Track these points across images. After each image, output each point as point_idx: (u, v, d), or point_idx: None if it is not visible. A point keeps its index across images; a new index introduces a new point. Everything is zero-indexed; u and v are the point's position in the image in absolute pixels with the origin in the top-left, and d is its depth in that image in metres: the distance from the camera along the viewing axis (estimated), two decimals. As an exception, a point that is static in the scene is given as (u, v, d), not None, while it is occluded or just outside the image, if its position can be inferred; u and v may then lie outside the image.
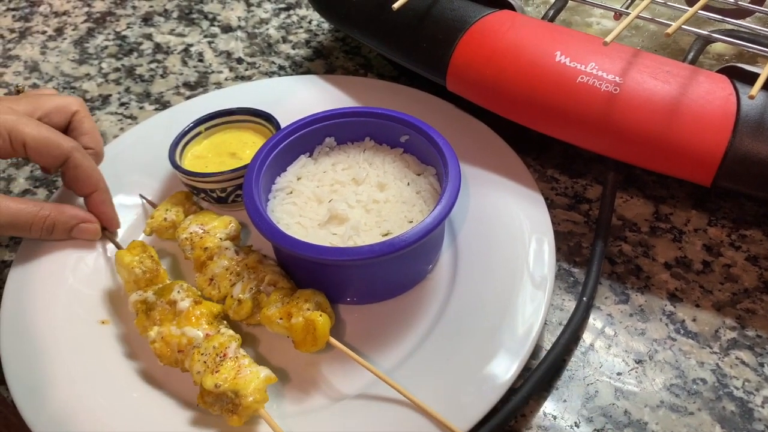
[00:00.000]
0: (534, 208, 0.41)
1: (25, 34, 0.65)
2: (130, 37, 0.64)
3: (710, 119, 0.37)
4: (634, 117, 0.38)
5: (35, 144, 0.40)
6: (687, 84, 0.38)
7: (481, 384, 0.33)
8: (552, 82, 0.40)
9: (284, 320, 0.36)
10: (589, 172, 0.47)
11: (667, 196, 0.45)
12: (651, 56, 0.40)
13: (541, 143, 0.49)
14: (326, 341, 0.35)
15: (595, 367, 0.37)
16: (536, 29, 0.42)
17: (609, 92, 0.38)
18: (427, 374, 0.34)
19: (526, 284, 0.37)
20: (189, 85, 0.58)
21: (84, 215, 0.42)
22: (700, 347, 0.37)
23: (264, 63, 0.60)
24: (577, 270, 0.41)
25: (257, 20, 0.65)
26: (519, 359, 0.34)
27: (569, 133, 0.40)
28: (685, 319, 0.38)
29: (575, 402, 0.35)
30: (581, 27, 0.49)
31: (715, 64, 0.44)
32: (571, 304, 0.40)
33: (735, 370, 0.36)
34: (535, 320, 0.35)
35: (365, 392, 0.34)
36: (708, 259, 0.41)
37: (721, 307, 0.39)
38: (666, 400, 0.35)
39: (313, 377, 0.36)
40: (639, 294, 0.40)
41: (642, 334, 0.38)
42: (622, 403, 0.35)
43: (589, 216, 0.44)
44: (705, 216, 0.44)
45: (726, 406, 0.35)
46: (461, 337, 0.36)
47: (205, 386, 0.33)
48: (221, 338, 0.35)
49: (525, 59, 0.41)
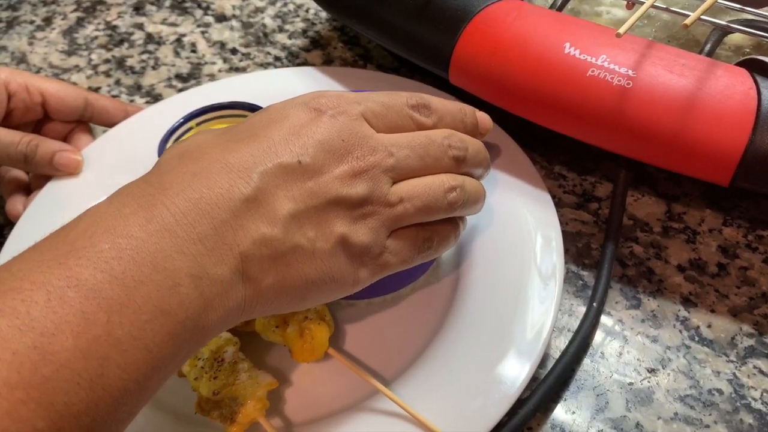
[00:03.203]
0: (541, 207, 0.39)
1: (12, 24, 0.63)
2: (121, 27, 0.62)
3: (729, 116, 0.35)
4: (647, 113, 0.36)
5: (55, 90, 0.43)
6: (704, 78, 0.36)
7: (486, 396, 0.31)
8: (560, 76, 0.38)
9: (280, 328, 0.34)
10: (598, 169, 0.45)
11: (680, 194, 0.43)
12: (666, 48, 0.38)
13: (548, 138, 0.47)
14: (324, 351, 0.33)
15: (606, 376, 0.35)
16: (544, 19, 0.40)
17: (621, 86, 0.36)
18: (429, 385, 0.33)
19: (533, 287, 0.35)
20: (181, 77, 0.56)
21: (68, 146, 0.42)
22: (715, 355, 0.35)
23: (259, 54, 0.58)
24: (586, 273, 0.39)
25: (252, 9, 0.63)
26: (526, 370, 0.32)
27: (579, 129, 0.38)
28: (700, 326, 0.37)
29: (585, 413, 0.34)
30: (590, 16, 0.47)
31: (733, 56, 0.42)
32: (580, 309, 0.38)
33: (753, 380, 0.34)
34: (542, 328, 0.33)
35: (367, 403, 0.33)
36: (723, 262, 0.39)
37: (737, 312, 0.37)
38: (680, 412, 0.33)
39: (314, 382, 0.34)
40: (651, 298, 0.38)
41: (654, 341, 0.36)
42: (634, 415, 0.33)
43: (599, 215, 0.42)
44: (720, 215, 0.42)
45: (743, 418, 0.33)
46: (465, 344, 0.34)
47: (203, 393, 0.32)
48: (219, 341, 0.34)
49: (532, 51, 0.39)
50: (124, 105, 0.48)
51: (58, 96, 0.42)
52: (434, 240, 0.32)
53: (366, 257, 0.29)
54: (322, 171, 0.28)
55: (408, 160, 0.30)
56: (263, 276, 0.26)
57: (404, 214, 0.29)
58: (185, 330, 0.24)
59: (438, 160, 0.31)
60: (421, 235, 0.31)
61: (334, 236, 0.28)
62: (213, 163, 0.26)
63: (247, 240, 0.25)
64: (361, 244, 0.28)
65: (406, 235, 0.30)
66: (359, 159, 0.28)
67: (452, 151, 0.31)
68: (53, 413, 0.20)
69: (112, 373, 0.22)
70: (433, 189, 0.30)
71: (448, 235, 0.33)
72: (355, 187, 0.28)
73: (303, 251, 0.27)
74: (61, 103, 0.43)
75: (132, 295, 0.22)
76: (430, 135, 0.31)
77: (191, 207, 0.25)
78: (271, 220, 0.26)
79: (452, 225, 0.33)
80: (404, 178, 0.30)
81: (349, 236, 0.28)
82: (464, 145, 0.32)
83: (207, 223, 0.25)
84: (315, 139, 0.28)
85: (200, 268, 0.24)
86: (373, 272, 0.30)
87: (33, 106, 0.42)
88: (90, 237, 0.23)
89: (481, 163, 0.33)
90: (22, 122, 0.44)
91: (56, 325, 0.21)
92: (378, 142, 0.29)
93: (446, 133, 0.32)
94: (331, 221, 0.28)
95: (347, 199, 0.28)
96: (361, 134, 0.29)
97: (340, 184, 0.28)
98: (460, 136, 0.32)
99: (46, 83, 0.44)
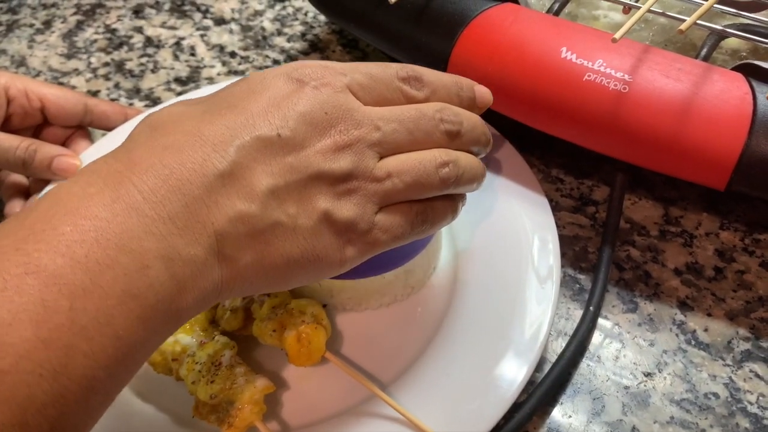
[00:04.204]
0: (538, 209, 0.39)
1: (12, 27, 0.63)
2: (121, 30, 0.62)
3: (725, 120, 0.35)
4: (644, 117, 0.36)
5: (54, 97, 0.43)
6: (700, 82, 0.36)
7: (483, 400, 0.32)
8: (557, 80, 0.38)
9: (277, 332, 0.34)
10: (595, 173, 0.45)
11: (677, 198, 0.43)
12: (662, 53, 0.38)
13: (545, 141, 0.47)
14: (321, 355, 0.34)
15: (602, 379, 0.35)
16: (540, 23, 0.40)
17: (618, 91, 0.36)
18: (426, 388, 0.33)
19: (530, 289, 0.35)
20: (180, 81, 0.56)
21: (67, 150, 0.43)
22: (712, 359, 0.35)
23: (258, 57, 0.58)
24: (583, 276, 0.40)
25: (251, 12, 0.63)
26: (523, 373, 0.32)
27: (575, 133, 0.39)
28: (696, 329, 0.37)
29: (581, 417, 0.34)
30: (588, 20, 0.47)
31: (729, 61, 0.42)
32: (577, 312, 0.38)
33: (749, 384, 0.34)
34: (539, 331, 0.33)
35: (364, 407, 0.33)
36: (720, 265, 0.40)
37: (734, 316, 0.37)
38: (676, 415, 0.33)
39: (311, 386, 0.35)
40: (648, 302, 0.38)
41: (651, 344, 0.36)
42: (631, 419, 0.33)
43: (596, 219, 0.42)
44: (717, 219, 0.42)
45: (739, 422, 0.33)
46: (462, 347, 0.34)
47: (200, 397, 0.32)
48: (216, 346, 0.34)
49: (529, 55, 0.39)
50: (123, 109, 0.48)
51: (57, 102, 0.42)
52: (429, 215, 0.30)
53: (353, 234, 0.27)
54: (303, 145, 0.26)
55: (396, 135, 0.28)
56: (240, 255, 0.25)
57: (393, 189, 0.28)
58: (157, 314, 0.23)
59: (429, 135, 0.29)
60: (414, 209, 0.29)
61: (317, 212, 0.26)
62: (186, 135, 0.25)
63: (222, 217, 0.24)
64: (346, 219, 0.27)
65: (398, 210, 0.29)
66: (342, 133, 0.27)
67: (445, 125, 0.30)
68: (14, 407, 0.20)
69: (78, 362, 0.21)
70: (423, 164, 0.29)
71: (445, 211, 0.31)
72: (338, 161, 0.27)
73: (283, 228, 0.26)
74: (61, 110, 0.43)
75: (97, 279, 0.21)
76: (421, 108, 0.29)
77: (161, 184, 0.23)
78: (248, 196, 0.25)
79: (450, 201, 0.31)
80: (392, 153, 0.28)
81: (332, 212, 0.27)
82: (458, 119, 0.30)
83: (178, 201, 0.23)
84: (296, 111, 0.26)
85: (171, 248, 0.23)
86: (361, 250, 0.28)
87: (32, 111, 0.42)
88: (50, 219, 0.22)
89: (479, 139, 0.32)
90: (22, 127, 0.45)
91: (13, 315, 0.20)
92: (364, 116, 0.28)
93: (438, 107, 0.30)
94: (314, 197, 0.26)
95: (330, 174, 0.26)
96: (345, 107, 0.27)
97: (322, 159, 0.26)
98: (454, 110, 0.30)
99: (45, 89, 0.44)
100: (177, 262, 0.23)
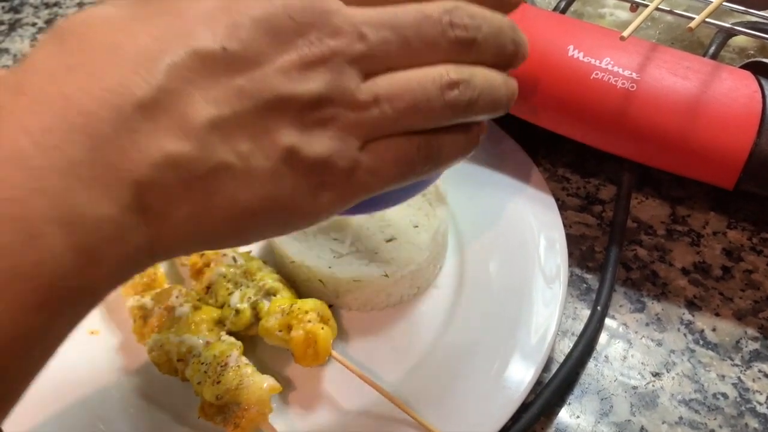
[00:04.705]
0: (545, 209, 0.39)
1: (14, 27, 0.63)
2: (124, 29, 0.62)
3: (734, 119, 0.34)
4: (651, 116, 0.36)
5: None
6: (709, 81, 0.36)
7: (491, 401, 0.31)
8: (564, 79, 0.38)
9: (284, 332, 0.34)
10: (602, 172, 0.45)
11: (685, 197, 0.43)
12: (670, 51, 0.38)
13: (551, 140, 0.47)
14: (328, 356, 0.33)
15: (610, 380, 0.35)
16: (547, 21, 0.40)
17: (625, 89, 0.36)
18: (434, 389, 0.33)
19: (537, 290, 0.35)
20: (184, 80, 0.56)
21: None
22: (720, 359, 0.35)
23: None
24: (590, 276, 0.39)
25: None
26: (531, 374, 0.32)
27: (583, 132, 0.38)
28: (705, 329, 0.37)
29: (589, 417, 0.33)
30: (594, 18, 0.47)
31: (737, 59, 0.42)
32: (584, 312, 0.38)
33: (758, 384, 0.34)
34: (547, 331, 0.33)
35: (370, 408, 0.33)
36: (728, 265, 0.39)
37: (742, 315, 0.37)
38: (685, 416, 0.33)
39: (317, 387, 0.34)
40: (655, 302, 0.38)
41: (659, 344, 0.36)
42: (639, 419, 0.33)
43: (603, 218, 0.42)
44: (724, 218, 0.42)
45: (749, 422, 0.33)
46: (469, 348, 0.34)
47: (206, 398, 0.32)
48: (222, 346, 0.34)
49: (536, 54, 0.38)
50: None
51: None
52: (434, 151, 0.23)
53: (328, 176, 0.21)
54: (259, 61, 0.20)
55: (387, 46, 0.21)
56: (172, 209, 0.19)
57: (381, 118, 0.21)
58: (57, 293, 0.17)
59: (433, 45, 0.22)
60: (414, 143, 0.22)
61: (278, 149, 0.20)
62: (99, 50, 0.19)
63: (143, 163, 0.18)
64: (318, 157, 0.21)
65: (390, 146, 0.22)
66: (314, 44, 0.20)
67: (455, 31, 0.22)
68: None
69: None
70: (423, 85, 0.21)
71: (455, 146, 0.24)
72: (307, 82, 0.20)
73: (232, 172, 0.20)
74: None
75: None
76: (424, 8, 0.22)
77: (58, 121, 0.17)
78: (181, 132, 0.19)
79: (462, 132, 0.24)
80: (382, 71, 0.21)
81: (299, 148, 0.20)
82: (475, 22, 0.22)
83: (81, 143, 0.17)
84: (250, 15, 0.20)
85: (70, 209, 0.17)
86: (342, 196, 0.22)
87: None
88: None
89: (503, 49, 0.23)
90: None
91: None
92: (344, 20, 0.21)
93: (448, 6, 0.22)
94: (273, 130, 0.20)
95: (295, 99, 0.20)
96: (319, 8, 0.20)
97: (285, 79, 0.20)
98: (469, 10, 0.22)
99: None
100: (78, 227, 0.17)
